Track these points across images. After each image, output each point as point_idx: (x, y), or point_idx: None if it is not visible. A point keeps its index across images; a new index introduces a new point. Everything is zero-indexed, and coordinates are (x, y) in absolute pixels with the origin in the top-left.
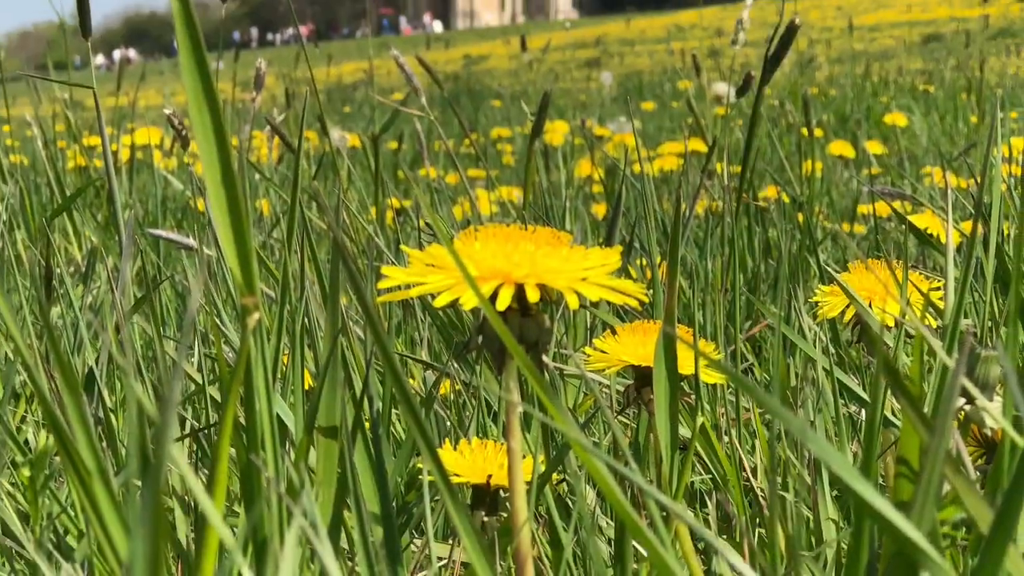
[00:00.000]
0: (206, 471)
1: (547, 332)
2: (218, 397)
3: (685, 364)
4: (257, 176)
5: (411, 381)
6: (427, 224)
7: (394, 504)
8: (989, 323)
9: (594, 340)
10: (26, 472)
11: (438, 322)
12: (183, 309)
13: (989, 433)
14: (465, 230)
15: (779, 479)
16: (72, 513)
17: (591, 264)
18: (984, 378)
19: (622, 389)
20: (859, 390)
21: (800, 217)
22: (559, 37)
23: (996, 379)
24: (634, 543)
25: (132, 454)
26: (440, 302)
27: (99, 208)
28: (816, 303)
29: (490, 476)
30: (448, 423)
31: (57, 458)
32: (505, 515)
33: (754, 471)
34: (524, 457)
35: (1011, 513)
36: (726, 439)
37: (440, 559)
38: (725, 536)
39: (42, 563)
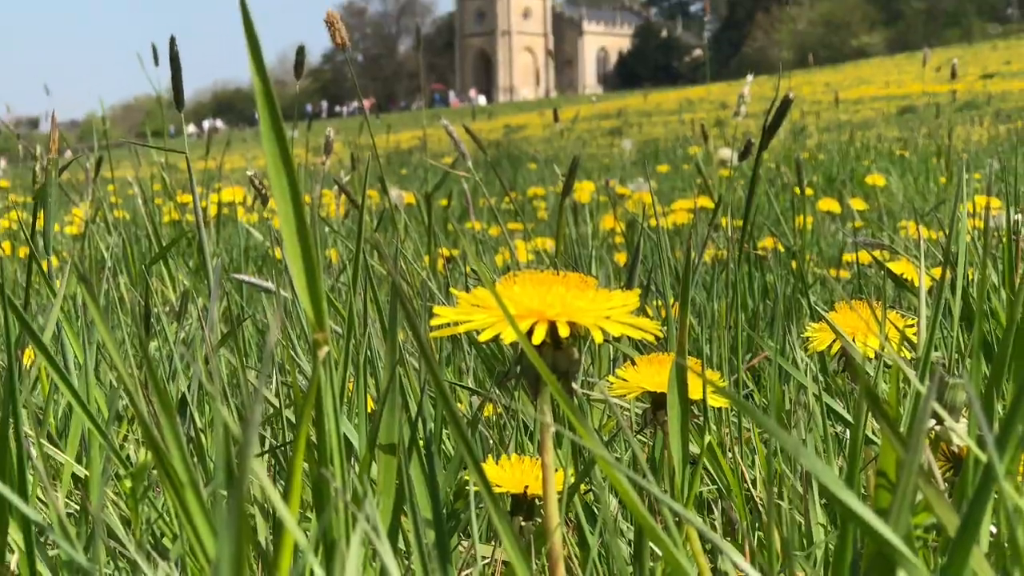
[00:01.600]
0: (283, 482)
1: (576, 363)
2: (293, 419)
3: (695, 390)
4: (327, 229)
5: (459, 405)
6: (473, 270)
7: (444, 511)
8: (956, 355)
9: (616, 370)
10: (128, 483)
11: (482, 354)
12: (263, 343)
13: (956, 450)
14: (505, 275)
15: (776, 489)
16: (167, 519)
17: (614, 304)
18: (952, 402)
19: (640, 412)
20: (844, 413)
21: (793, 264)
22: (586, 109)
23: (962, 403)
24: (651, 544)
25: (219, 468)
26: (484, 337)
27: (191, 256)
28: (807, 338)
29: (527, 486)
30: (491, 441)
31: (154, 471)
32: (540, 520)
33: (754, 482)
34: (556, 470)
35: (975, 519)
36: (730, 455)
37: (484, 558)
38: (729, 538)
39: (142, 561)
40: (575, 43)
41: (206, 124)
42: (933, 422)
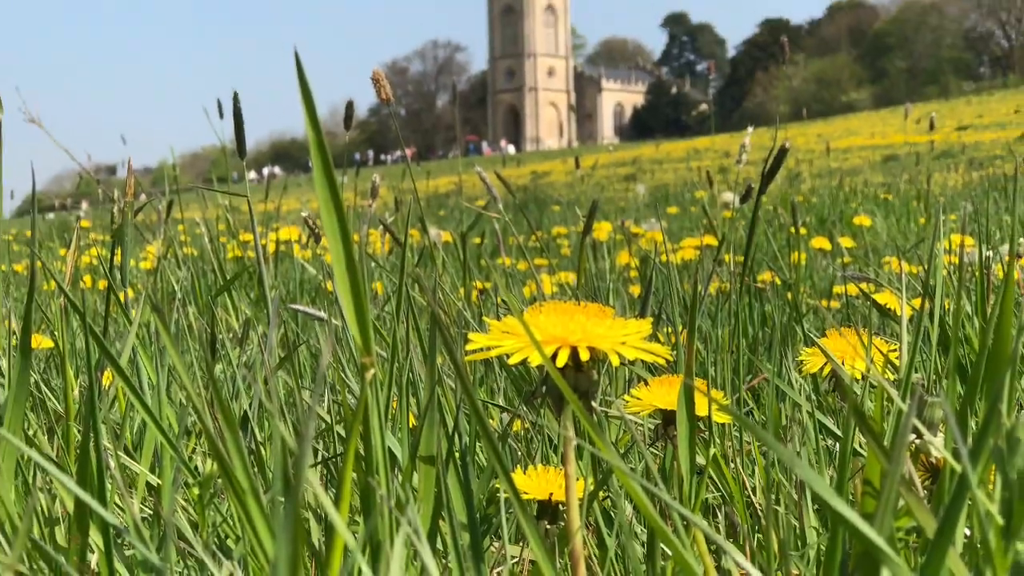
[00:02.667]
0: (334, 490)
1: (595, 383)
2: (343, 433)
3: (701, 408)
4: (373, 264)
5: (491, 421)
6: (503, 301)
7: (478, 515)
8: (934, 377)
9: (631, 389)
10: (196, 491)
11: (512, 376)
12: (316, 366)
13: (934, 461)
14: (532, 305)
15: (773, 496)
16: (231, 522)
17: (629, 331)
18: (930, 419)
19: (653, 427)
20: (834, 428)
21: (789, 295)
22: (604, 157)
23: (939, 420)
24: (662, 545)
25: (277, 477)
26: (513, 360)
27: (252, 288)
28: (801, 361)
29: (551, 493)
30: (519, 453)
31: (219, 480)
32: (563, 524)
33: (754, 490)
34: (577, 479)
35: (951, 522)
36: (732, 465)
37: (513, 558)
38: (732, 540)
39: (208, 560)
40: (594, 99)
41: (265, 171)
42: (913, 436)
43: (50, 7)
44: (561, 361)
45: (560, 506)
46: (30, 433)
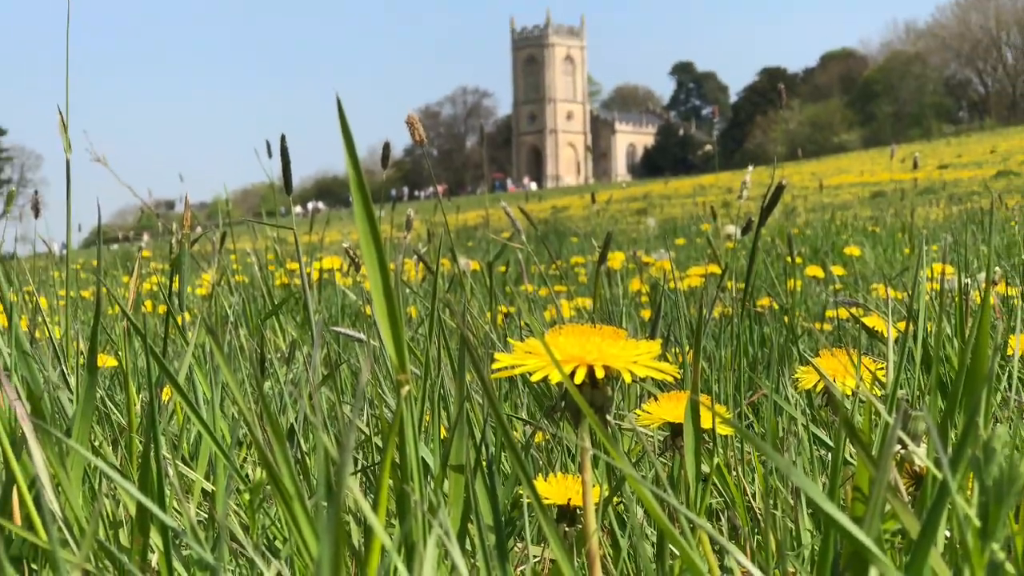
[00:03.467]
0: (372, 496)
1: (609, 399)
2: (380, 444)
3: (706, 421)
4: (407, 291)
5: (515, 433)
6: (526, 324)
7: (503, 519)
8: (917, 393)
9: (642, 404)
10: (247, 496)
11: (534, 392)
12: (356, 383)
13: (917, 469)
14: (552, 328)
15: (771, 501)
16: (279, 525)
17: (640, 351)
18: (914, 431)
19: (662, 438)
20: (827, 439)
21: (786, 319)
22: (618, 193)
23: (922, 432)
24: (670, 546)
25: (320, 484)
26: (535, 378)
27: (297, 312)
28: (797, 378)
29: (570, 499)
30: (541, 462)
31: (268, 487)
32: (580, 526)
33: (754, 496)
34: (593, 486)
35: (933, 525)
36: (734, 473)
37: (535, 557)
38: (733, 541)
39: (258, 560)
40: (609, 140)
41: (310, 205)
42: (899, 447)
43: (120, 60)
44: (579, 378)
45: (578, 510)
46: (96, 444)
